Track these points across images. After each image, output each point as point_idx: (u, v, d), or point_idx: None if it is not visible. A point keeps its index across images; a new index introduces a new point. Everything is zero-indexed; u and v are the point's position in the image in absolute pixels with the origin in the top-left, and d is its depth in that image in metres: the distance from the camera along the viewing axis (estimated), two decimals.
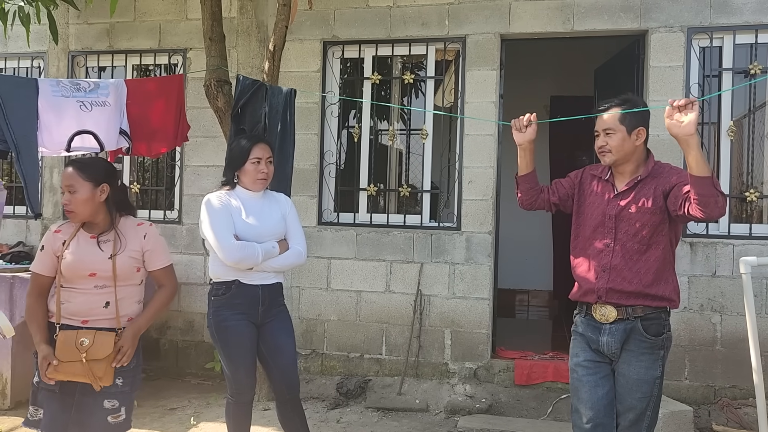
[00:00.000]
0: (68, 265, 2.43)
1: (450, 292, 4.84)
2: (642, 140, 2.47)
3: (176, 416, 4.25)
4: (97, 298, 2.42)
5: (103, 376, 2.36)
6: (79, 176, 2.44)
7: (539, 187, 2.73)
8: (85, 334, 2.37)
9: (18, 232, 5.70)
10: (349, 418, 4.29)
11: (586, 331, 2.56)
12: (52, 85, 3.44)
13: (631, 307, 2.44)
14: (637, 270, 2.43)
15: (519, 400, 4.53)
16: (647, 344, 2.43)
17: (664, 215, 2.42)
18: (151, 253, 2.54)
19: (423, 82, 5.18)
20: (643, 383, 2.42)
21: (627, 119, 2.44)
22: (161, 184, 5.59)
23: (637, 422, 2.45)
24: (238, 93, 3.55)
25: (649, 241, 2.43)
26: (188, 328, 5.32)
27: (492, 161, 4.81)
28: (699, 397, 4.44)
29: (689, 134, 2.18)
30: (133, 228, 2.53)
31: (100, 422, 2.39)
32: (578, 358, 2.57)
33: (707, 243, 4.50)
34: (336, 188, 5.16)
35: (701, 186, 2.18)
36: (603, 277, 2.47)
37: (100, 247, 2.45)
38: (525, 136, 2.64)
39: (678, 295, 2.50)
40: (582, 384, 2.53)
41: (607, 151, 2.48)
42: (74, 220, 2.49)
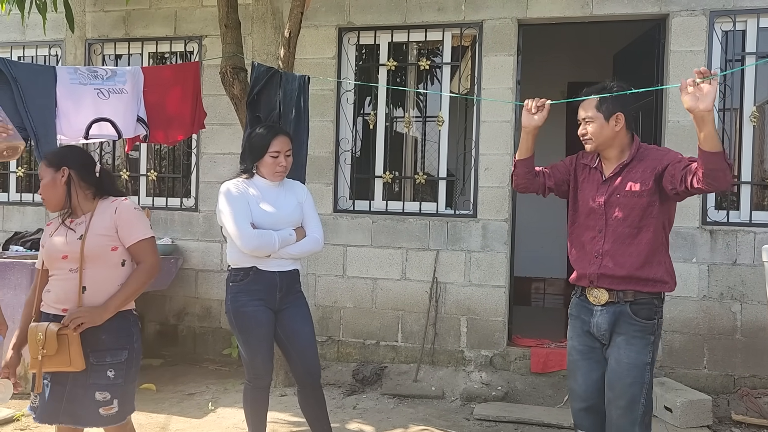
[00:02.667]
0: (45, 252, 2.43)
1: (466, 279, 4.82)
2: (621, 125, 2.48)
3: (194, 401, 4.29)
4: (72, 283, 2.36)
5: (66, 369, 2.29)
6: (43, 164, 2.47)
7: (535, 173, 2.75)
8: (41, 328, 2.29)
9: (38, 219, 5.77)
10: (365, 405, 4.31)
11: (579, 312, 2.61)
12: (70, 73, 3.46)
13: (622, 291, 2.46)
14: (628, 254, 2.45)
15: (535, 388, 4.52)
16: (637, 327, 2.44)
17: (652, 197, 2.43)
18: (124, 227, 2.41)
19: (439, 68, 5.14)
20: (633, 368, 2.42)
21: (603, 106, 2.47)
22: (178, 172, 5.62)
23: (630, 410, 2.42)
24: (254, 80, 3.55)
25: (639, 224, 2.45)
26: (205, 314, 5.36)
27: (509, 148, 4.76)
28: (718, 386, 4.40)
29: (706, 110, 2.16)
30: (107, 206, 2.46)
31: (91, 414, 2.36)
32: (573, 341, 2.63)
33: (728, 231, 4.44)
34: (351, 176, 5.15)
35: (713, 161, 2.18)
36: (595, 263, 2.51)
37: (73, 230, 2.42)
38: (533, 121, 2.64)
39: (671, 276, 2.50)
40: (577, 367, 2.60)
41: (588, 138, 2.52)
42: (47, 207, 2.50)
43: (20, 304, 4.25)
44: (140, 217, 2.48)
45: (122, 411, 2.42)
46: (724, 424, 3.98)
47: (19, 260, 4.46)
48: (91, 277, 2.38)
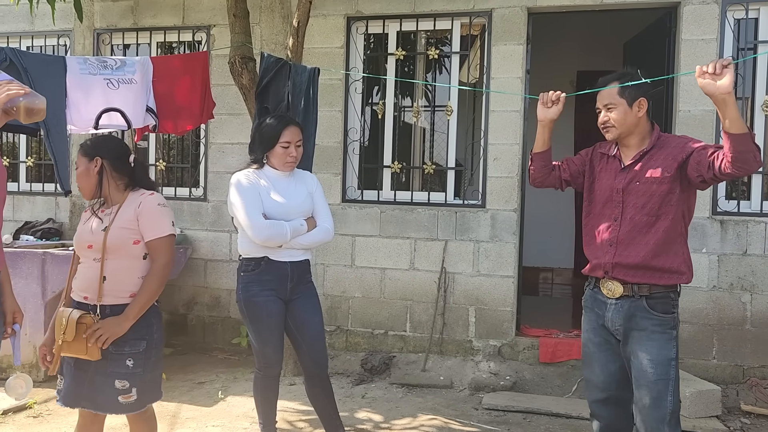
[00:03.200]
0: (75, 239, 2.50)
1: (474, 269, 4.82)
2: (644, 111, 2.44)
3: (204, 390, 4.33)
4: (94, 272, 2.39)
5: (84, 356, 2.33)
6: (79, 153, 2.50)
7: (552, 166, 2.72)
8: (65, 314, 2.35)
9: (48, 209, 5.80)
10: (373, 394, 4.32)
11: (593, 305, 2.57)
12: (80, 63, 3.47)
13: (637, 284, 2.41)
14: (644, 243, 2.40)
15: (543, 378, 4.52)
16: (656, 322, 2.38)
17: (672, 185, 2.38)
18: (144, 222, 2.41)
19: (448, 57, 5.11)
20: (658, 364, 2.35)
21: (626, 92, 2.42)
22: (186, 162, 5.63)
23: (657, 407, 2.35)
24: (262, 71, 3.54)
25: (657, 213, 2.40)
26: (215, 304, 5.39)
27: (518, 138, 4.74)
28: (727, 376, 4.39)
29: (726, 92, 2.11)
30: (134, 199, 2.47)
31: (110, 401, 2.40)
32: (589, 333, 2.59)
33: (738, 221, 4.42)
34: (360, 166, 5.15)
35: (740, 143, 2.13)
36: (609, 251, 2.47)
37: (101, 219, 2.45)
38: (548, 114, 2.62)
39: (689, 267, 2.44)
40: (594, 359, 2.56)
41: (610, 126, 2.47)
42: (83, 195, 2.53)
43: (31, 293, 4.32)
44: (163, 213, 2.46)
45: (141, 399, 2.45)
46: (733, 414, 3.98)
47: (30, 250, 4.50)
48: (112, 267, 2.40)
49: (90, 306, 2.39)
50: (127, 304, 2.38)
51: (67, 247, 4.82)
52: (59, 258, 4.37)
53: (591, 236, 2.58)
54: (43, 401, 4.00)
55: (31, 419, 3.73)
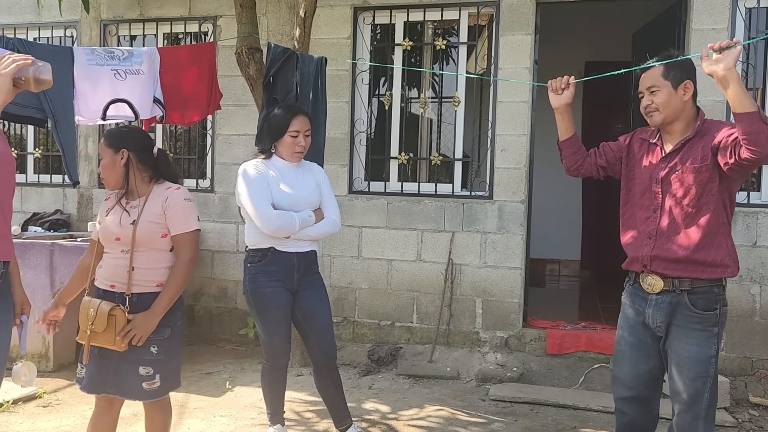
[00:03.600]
0: (101, 230, 2.52)
1: (481, 261, 4.81)
2: (690, 95, 2.31)
3: (212, 380, 4.35)
4: (122, 262, 2.43)
5: (113, 346, 2.37)
6: (103, 143, 2.50)
7: (584, 152, 2.62)
8: (93, 305, 2.39)
9: (55, 200, 5.82)
10: (380, 385, 4.33)
11: (633, 301, 2.45)
12: (87, 54, 3.47)
13: (678, 279, 2.29)
14: (685, 235, 2.29)
15: (551, 370, 4.52)
16: (696, 319, 2.28)
17: (712, 174, 2.25)
18: (171, 216, 2.44)
19: (455, 48, 5.08)
20: (696, 362, 2.27)
21: (671, 73, 2.29)
22: (193, 153, 5.63)
23: (693, 404, 2.28)
24: (270, 61, 3.53)
25: (698, 204, 2.28)
26: (222, 295, 5.41)
27: (525, 129, 4.72)
28: (735, 368, 4.38)
29: (726, 68, 2.04)
30: (161, 192, 2.49)
31: (134, 387, 2.44)
32: (624, 331, 2.48)
33: (748, 212, 4.38)
34: (367, 157, 5.14)
35: (748, 122, 2.04)
36: (648, 244, 2.36)
37: (127, 212, 2.47)
38: (561, 99, 2.57)
39: (734, 260, 2.32)
40: (624, 357, 2.46)
41: (654, 110, 2.33)
42: (106, 186, 2.54)
43: (40, 284, 4.34)
44: (189, 208, 2.49)
45: (164, 386, 2.49)
46: (741, 406, 3.97)
47: (38, 241, 4.52)
48: (140, 259, 2.44)
49: (116, 294, 2.43)
50: (153, 293, 2.43)
51: (75, 238, 4.84)
52: (67, 249, 4.39)
53: (628, 228, 2.47)
54: (53, 391, 4.02)
55: (41, 408, 3.76)
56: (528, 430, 3.60)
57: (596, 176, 2.66)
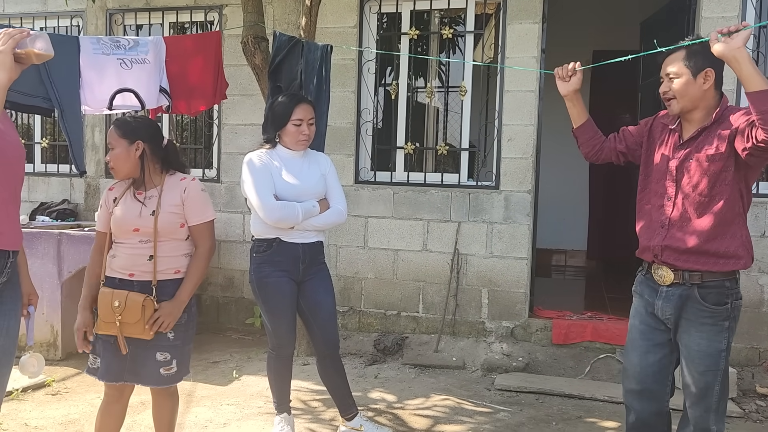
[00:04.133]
0: (115, 221, 2.51)
1: (488, 251, 4.81)
2: (710, 83, 2.23)
3: (219, 369, 4.37)
4: (141, 252, 2.47)
5: (139, 336, 2.40)
6: (115, 133, 2.50)
7: (601, 137, 2.58)
8: (119, 296, 2.41)
9: (62, 190, 5.84)
10: (386, 374, 4.35)
11: (644, 291, 2.43)
12: (93, 43, 3.46)
13: (688, 271, 2.26)
14: (697, 225, 2.24)
15: (556, 359, 4.52)
16: (707, 313, 2.24)
17: (727, 162, 2.20)
18: (189, 207, 2.51)
19: (462, 37, 5.05)
20: (706, 356, 2.24)
21: (692, 60, 2.21)
22: (199, 143, 5.64)
23: (703, 397, 2.27)
24: (275, 49, 3.51)
25: (711, 193, 2.22)
26: (228, 284, 5.43)
27: (533, 118, 4.69)
28: (743, 359, 4.36)
29: (736, 48, 1.99)
30: (176, 183, 2.54)
31: (152, 373, 2.48)
32: (635, 320, 2.46)
33: (757, 202, 4.34)
34: (373, 146, 5.13)
35: (762, 101, 1.97)
36: (660, 233, 2.32)
37: (144, 204, 2.49)
38: (569, 86, 2.53)
39: (747, 251, 2.26)
40: (634, 347, 2.44)
41: (671, 97, 2.27)
42: (116, 176, 2.55)
43: (47, 274, 4.36)
44: (206, 199, 2.57)
45: (180, 371, 2.54)
46: (748, 397, 3.96)
47: (46, 230, 4.54)
48: (161, 248, 2.48)
49: (135, 283, 2.46)
50: (171, 280, 2.48)
51: (82, 227, 4.85)
52: (75, 238, 4.41)
53: (642, 215, 2.43)
54: (62, 379, 4.06)
55: (50, 396, 3.79)
56: (533, 419, 3.61)
57: (616, 162, 2.61)
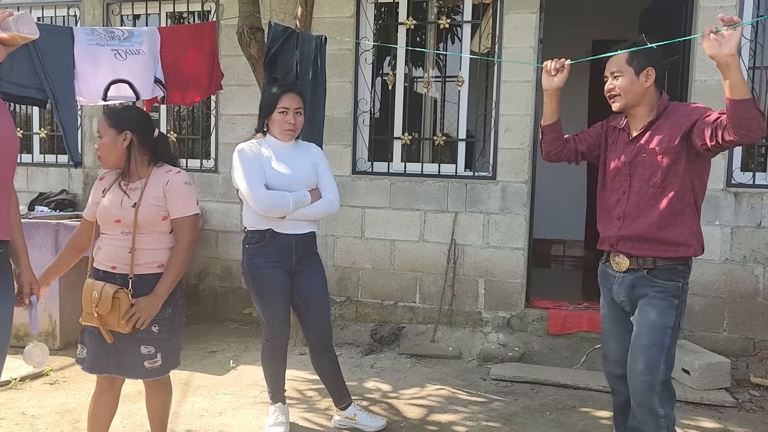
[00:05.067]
0: (99, 212, 2.51)
1: (484, 241, 4.82)
2: (651, 81, 2.38)
3: (216, 359, 4.40)
4: (123, 244, 2.45)
5: (117, 328, 2.40)
6: (104, 122, 2.48)
7: (563, 138, 2.65)
8: (97, 287, 2.40)
9: (61, 180, 5.86)
10: (383, 364, 4.37)
11: (603, 279, 2.59)
12: (87, 34, 3.46)
13: (642, 258, 2.39)
14: (649, 215, 2.37)
15: (552, 350, 4.54)
16: (658, 289, 2.36)
17: (678, 155, 2.32)
18: (171, 200, 2.46)
19: (459, 27, 5.03)
20: (653, 329, 2.34)
21: (634, 61, 2.36)
22: (197, 133, 5.64)
23: (646, 373, 2.32)
24: (270, 40, 3.51)
25: (664, 184, 2.35)
26: (226, 274, 5.45)
27: (529, 109, 4.69)
28: (737, 349, 4.38)
29: (729, 54, 2.04)
30: (161, 175, 2.50)
31: (136, 366, 2.47)
32: (604, 309, 2.61)
33: (753, 193, 4.35)
34: (370, 137, 5.12)
35: (743, 109, 2.05)
36: (616, 225, 2.46)
37: (128, 195, 2.47)
38: (553, 83, 2.56)
39: (697, 239, 2.39)
40: (612, 335, 2.58)
41: (616, 94, 2.41)
42: (102, 165, 2.53)
43: (45, 264, 4.30)
44: (189, 192, 2.51)
45: (165, 365, 2.53)
46: (742, 387, 3.98)
47: (44, 221, 4.56)
48: (142, 240, 2.46)
49: (117, 276, 2.45)
50: (154, 274, 2.46)
51: (80, 218, 4.86)
52: (73, 229, 4.40)
53: (602, 211, 2.57)
54: (60, 369, 4.09)
55: (48, 386, 3.82)
56: (527, 409, 3.63)
57: (573, 161, 2.71)
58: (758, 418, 3.58)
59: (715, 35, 2.05)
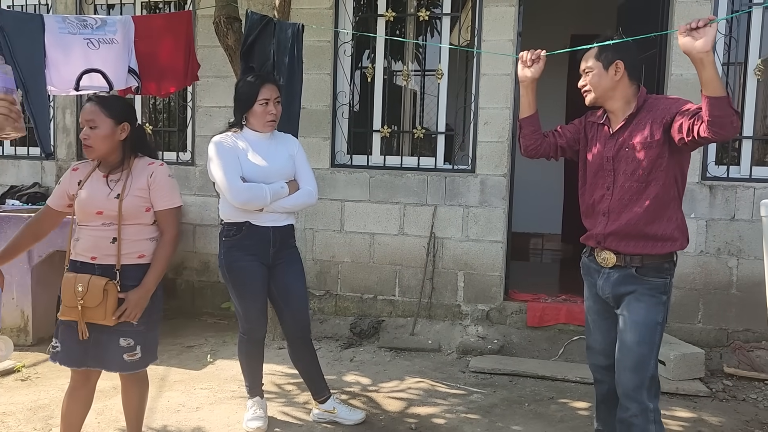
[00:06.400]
0: (79, 203, 2.46)
1: (463, 234, 4.82)
2: (621, 74, 2.37)
3: (193, 353, 4.35)
4: (104, 234, 2.42)
5: (101, 321, 2.37)
6: (101, 112, 2.42)
7: (542, 132, 2.65)
8: (81, 279, 2.37)
9: (33, 173, 5.73)
10: (362, 357, 4.36)
11: (587, 273, 2.59)
12: (59, 22, 3.37)
13: (629, 255, 2.39)
14: (635, 210, 2.36)
15: (531, 342, 4.57)
16: (647, 286, 2.37)
17: (662, 149, 2.32)
18: (156, 192, 2.47)
19: (439, 19, 5.02)
20: (643, 326, 2.34)
21: (603, 55, 2.37)
22: (173, 125, 5.55)
23: (636, 371, 2.33)
24: (247, 29, 3.47)
25: (648, 178, 2.35)
26: (204, 268, 5.38)
27: (508, 102, 4.69)
28: (711, 340, 4.44)
29: (703, 51, 2.05)
30: (144, 167, 2.50)
31: (115, 359, 2.45)
32: (589, 301, 2.61)
33: (727, 186, 4.41)
34: (349, 130, 5.09)
35: (717, 107, 2.07)
36: (602, 221, 2.45)
37: (109, 186, 2.45)
38: (528, 74, 2.55)
39: (683, 233, 2.41)
40: (596, 326, 2.58)
41: (587, 90, 2.43)
42: (91, 155, 2.47)
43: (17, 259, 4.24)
44: (173, 184, 2.53)
45: (145, 357, 2.51)
46: (716, 377, 4.04)
47: (15, 214, 4.46)
48: (126, 232, 2.44)
49: (97, 266, 2.42)
50: (135, 265, 2.44)
51: None
52: None
53: (586, 206, 2.56)
54: (32, 365, 4.01)
55: (20, 382, 3.75)
56: (506, 401, 3.65)
57: (552, 157, 2.70)
58: (731, 407, 3.64)
59: (690, 32, 2.07)
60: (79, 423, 2.61)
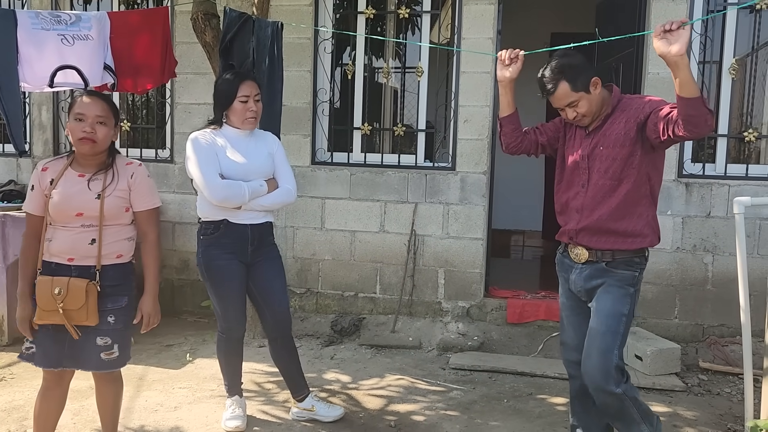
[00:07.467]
0: (55, 205, 2.38)
1: (444, 232, 4.84)
2: (599, 86, 2.42)
3: (173, 352, 4.31)
4: (83, 236, 2.39)
5: (84, 322, 2.35)
6: (109, 110, 2.43)
7: (522, 130, 2.68)
8: (59, 282, 2.33)
9: (8, 170, 5.64)
10: (343, 355, 4.36)
11: (561, 269, 2.65)
12: (32, 17, 3.32)
13: (601, 251, 2.45)
14: (607, 207, 2.42)
15: (510, 338, 4.60)
16: (616, 277, 2.44)
17: (634, 147, 2.39)
18: (136, 193, 2.46)
19: (419, 16, 5.02)
20: (609, 316, 2.41)
21: (578, 83, 2.38)
22: (152, 123, 5.49)
23: (601, 360, 2.37)
24: (226, 26, 3.44)
25: (620, 176, 2.41)
26: (183, 267, 5.34)
27: (488, 100, 4.71)
28: (687, 335, 4.51)
29: (678, 54, 2.09)
30: (122, 167, 2.47)
31: (92, 358, 2.42)
32: (563, 297, 2.67)
33: (703, 183, 4.47)
34: (330, 127, 5.08)
35: (691, 107, 2.12)
36: (575, 218, 2.51)
37: (89, 187, 2.40)
38: (507, 73, 2.56)
39: (653, 230, 2.47)
40: (570, 323, 2.65)
41: (582, 116, 2.44)
42: (90, 151, 2.40)
43: None
44: (152, 185, 2.55)
45: (122, 356, 2.49)
46: (691, 371, 4.10)
47: None
48: (105, 232, 2.42)
49: (73, 268, 2.38)
50: (113, 265, 2.43)
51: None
52: (20, 220, 4.26)
53: (560, 204, 2.61)
54: (7, 365, 3.95)
55: None
56: (485, 397, 3.67)
57: (533, 154, 2.74)
58: (705, 401, 3.69)
59: (665, 34, 2.10)
60: (53, 424, 2.58)
